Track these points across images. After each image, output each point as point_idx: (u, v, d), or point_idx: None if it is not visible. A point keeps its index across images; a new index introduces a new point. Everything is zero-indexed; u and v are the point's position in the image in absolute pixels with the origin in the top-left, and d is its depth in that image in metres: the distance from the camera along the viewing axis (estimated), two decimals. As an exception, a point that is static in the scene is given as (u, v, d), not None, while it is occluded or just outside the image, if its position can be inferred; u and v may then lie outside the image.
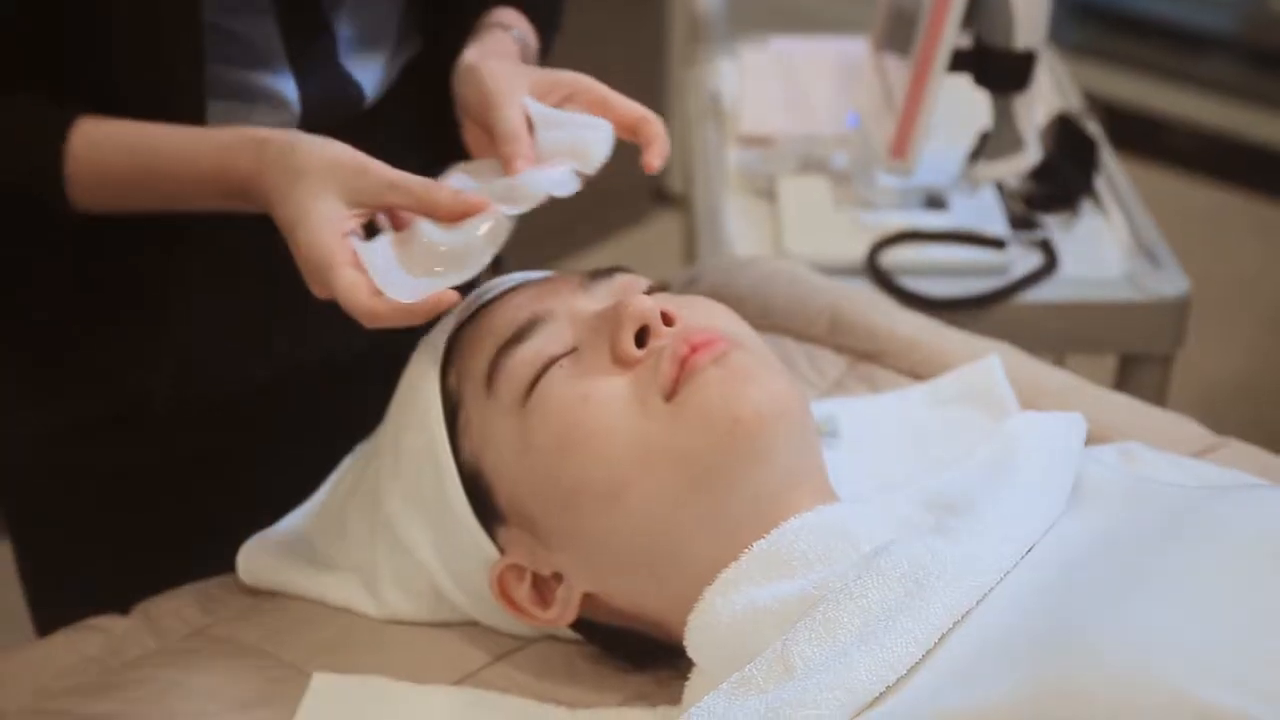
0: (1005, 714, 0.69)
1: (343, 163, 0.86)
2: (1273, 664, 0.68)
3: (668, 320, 0.87)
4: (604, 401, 0.85)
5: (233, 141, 0.87)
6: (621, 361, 0.86)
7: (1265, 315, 2.52)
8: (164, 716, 0.89)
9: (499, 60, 0.96)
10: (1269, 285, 2.57)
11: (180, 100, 0.90)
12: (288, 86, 0.96)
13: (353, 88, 0.99)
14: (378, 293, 0.83)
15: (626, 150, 0.99)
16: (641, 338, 0.87)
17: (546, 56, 1.07)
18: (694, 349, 0.85)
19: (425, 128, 1.05)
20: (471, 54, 0.97)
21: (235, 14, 0.91)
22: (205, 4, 0.88)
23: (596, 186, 1.03)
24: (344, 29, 0.98)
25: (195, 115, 0.91)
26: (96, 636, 0.95)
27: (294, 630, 0.95)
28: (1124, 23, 3.02)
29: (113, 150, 0.88)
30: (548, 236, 1.87)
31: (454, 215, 0.86)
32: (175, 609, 0.97)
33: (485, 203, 0.86)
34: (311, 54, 0.97)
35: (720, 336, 0.87)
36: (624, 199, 0.98)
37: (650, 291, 0.92)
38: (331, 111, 0.98)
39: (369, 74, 1.01)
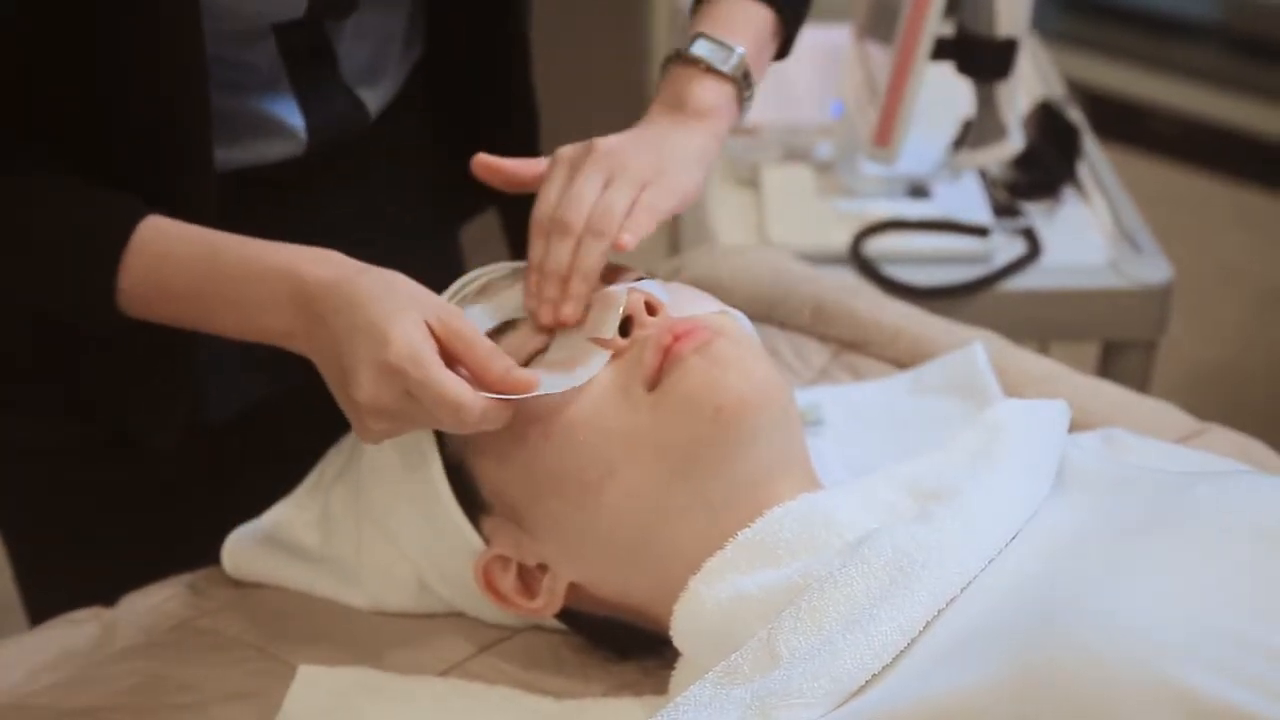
0: (990, 700, 0.69)
1: (430, 296, 0.84)
2: (1255, 648, 0.68)
3: (652, 309, 0.87)
4: (588, 391, 0.85)
5: (300, 250, 0.84)
6: (605, 349, 0.86)
7: (1248, 301, 2.52)
8: (148, 711, 0.88)
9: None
10: (1251, 271, 2.58)
11: (186, 127, 0.88)
12: (292, 113, 0.95)
13: (358, 108, 0.99)
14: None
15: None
16: (626, 327, 0.87)
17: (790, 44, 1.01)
18: (677, 338, 0.85)
19: (429, 138, 1.05)
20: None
21: (235, 43, 0.90)
22: (207, 38, 0.86)
23: None
24: (346, 48, 0.97)
25: (203, 145, 0.89)
26: (81, 630, 0.94)
27: (279, 622, 0.95)
28: (1106, 10, 3.02)
29: (175, 240, 0.85)
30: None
31: (497, 390, 0.82)
32: (160, 602, 0.97)
33: (532, 383, 0.83)
34: (315, 77, 0.96)
35: (704, 325, 0.86)
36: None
37: (635, 281, 0.91)
38: (337, 134, 0.98)
39: (375, 92, 1.00)
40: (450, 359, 0.82)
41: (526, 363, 0.87)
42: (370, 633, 0.94)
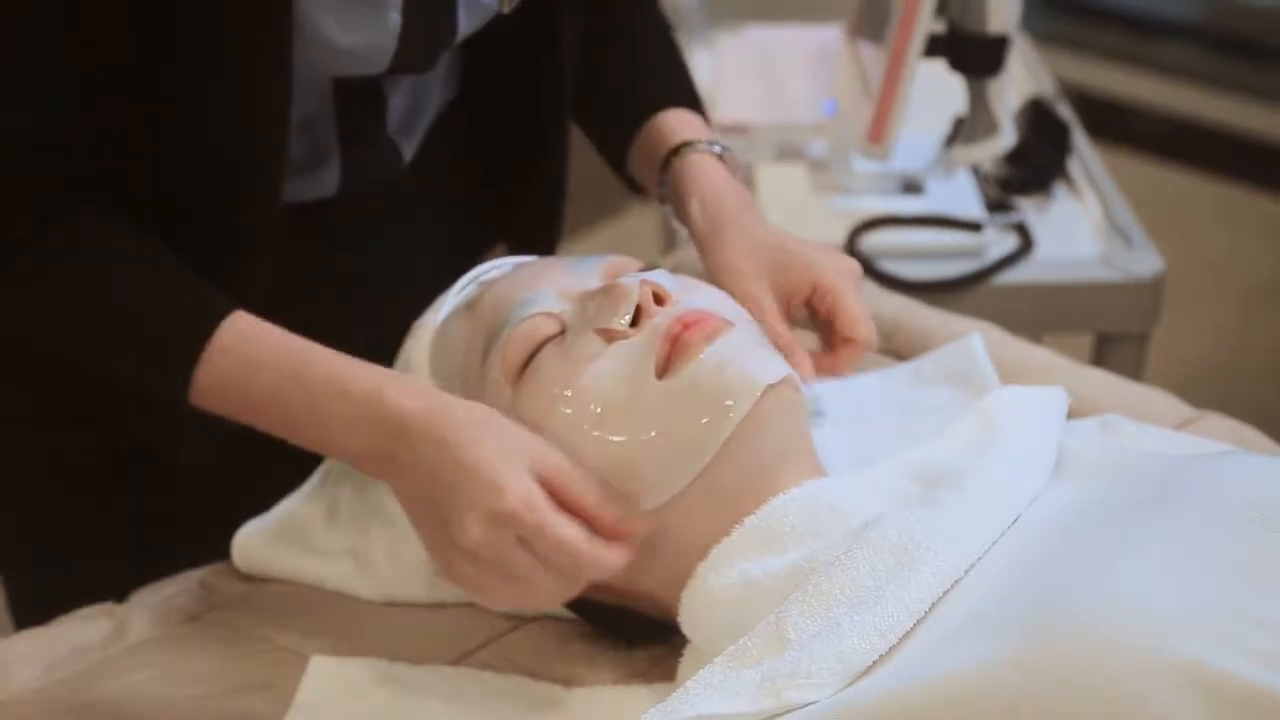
0: (997, 678, 0.70)
1: (526, 434, 0.82)
2: (1257, 623, 0.69)
3: (659, 299, 0.88)
4: (597, 380, 0.86)
5: (388, 374, 0.83)
6: (615, 339, 0.87)
7: (1234, 297, 2.55)
8: (163, 701, 0.89)
9: (742, 250, 0.96)
10: (1237, 267, 2.60)
11: (261, 168, 0.88)
12: (332, 159, 0.96)
13: (395, 157, 1.00)
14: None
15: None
16: (634, 316, 0.88)
17: None
18: (686, 327, 0.86)
19: (461, 171, 1.05)
20: (705, 233, 0.98)
21: (295, 86, 0.89)
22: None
23: (583, 171, 1.04)
24: (398, 103, 0.98)
25: (273, 186, 0.89)
26: (94, 624, 0.95)
27: (290, 615, 0.96)
28: (1091, 11, 3.05)
29: (264, 345, 0.84)
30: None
31: (608, 536, 0.81)
32: (171, 596, 0.98)
33: (640, 529, 0.82)
34: (362, 127, 0.97)
35: (712, 315, 0.88)
36: (601, 190, 1.00)
37: (643, 272, 0.92)
38: (370, 179, 0.99)
39: (412, 140, 1.01)
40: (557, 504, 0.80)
41: (539, 348, 0.88)
42: (381, 623, 0.95)
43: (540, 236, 1.10)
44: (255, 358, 0.83)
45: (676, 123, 1.03)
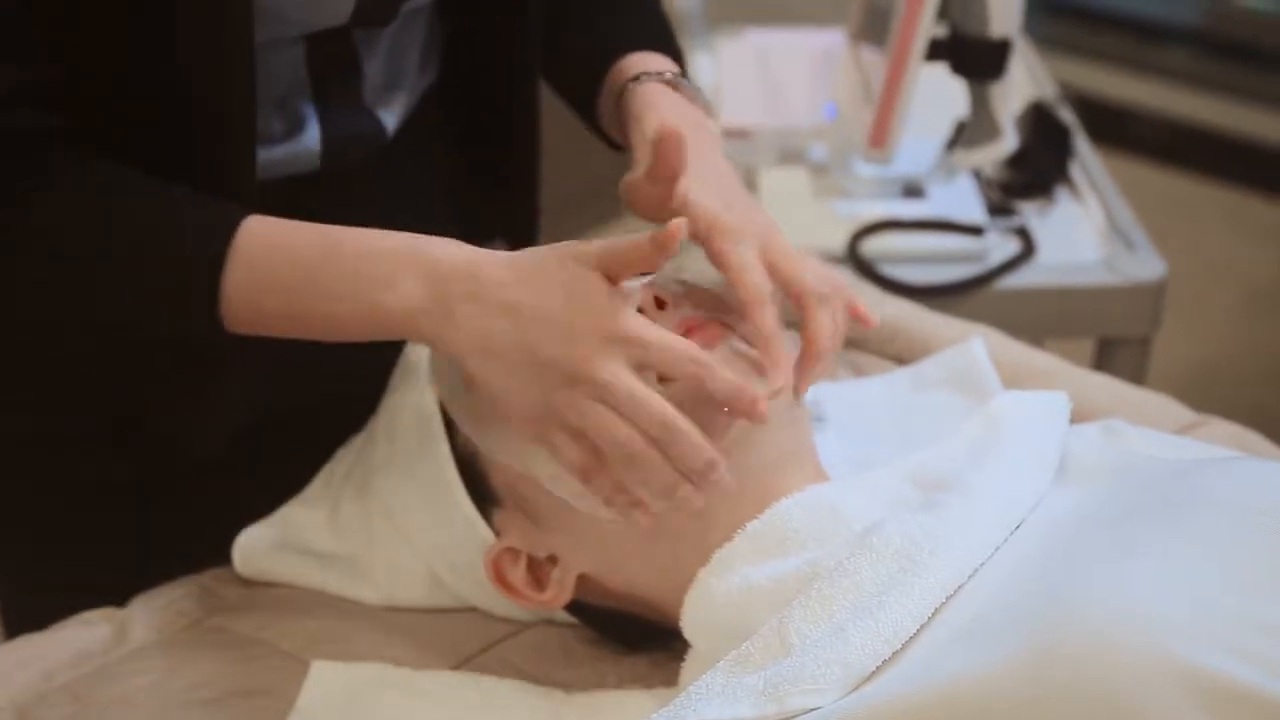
0: (1000, 682, 0.70)
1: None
2: (1259, 627, 0.69)
3: (660, 304, 0.88)
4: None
5: (416, 235, 0.82)
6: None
7: (1235, 300, 2.55)
8: (164, 706, 0.89)
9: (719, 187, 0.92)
10: (1237, 270, 2.60)
11: (232, 132, 0.86)
12: (311, 127, 0.95)
13: (376, 127, 0.99)
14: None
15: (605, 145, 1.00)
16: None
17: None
18: (688, 332, 0.86)
19: (444, 158, 1.05)
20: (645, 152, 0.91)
21: (264, 50, 0.88)
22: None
23: (575, 181, 1.03)
24: (373, 68, 0.97)
25: (246, 151, 0.87)
26: (95, 630, 0.95)
27: (291, 620, 0.96)
28: (1092, 16, 3.05)
29: (288, 229, 0.81)
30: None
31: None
32: (172, 601, 0.98)
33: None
34: (339, 91, 0.96)
35: (714, 320, 0.87)
36: (602, 194, 0.99)
37: (646, 277, 0.92)
38: (352, 152, 0.97)
39: (391, 113, 1.00)
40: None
41: None
42: (382, 629, 0.95)
43: (519, 219, 1.09)
44: (281, 243, 0.81)
45: (636, 62, 1.00)
